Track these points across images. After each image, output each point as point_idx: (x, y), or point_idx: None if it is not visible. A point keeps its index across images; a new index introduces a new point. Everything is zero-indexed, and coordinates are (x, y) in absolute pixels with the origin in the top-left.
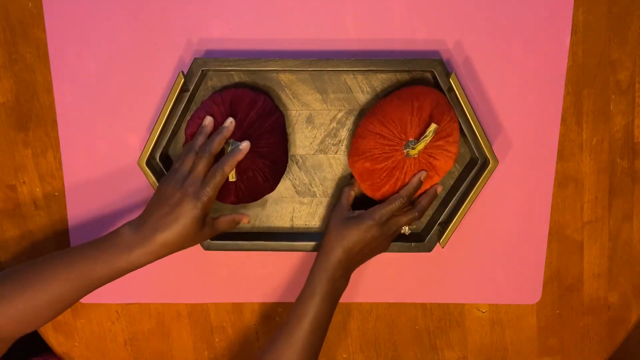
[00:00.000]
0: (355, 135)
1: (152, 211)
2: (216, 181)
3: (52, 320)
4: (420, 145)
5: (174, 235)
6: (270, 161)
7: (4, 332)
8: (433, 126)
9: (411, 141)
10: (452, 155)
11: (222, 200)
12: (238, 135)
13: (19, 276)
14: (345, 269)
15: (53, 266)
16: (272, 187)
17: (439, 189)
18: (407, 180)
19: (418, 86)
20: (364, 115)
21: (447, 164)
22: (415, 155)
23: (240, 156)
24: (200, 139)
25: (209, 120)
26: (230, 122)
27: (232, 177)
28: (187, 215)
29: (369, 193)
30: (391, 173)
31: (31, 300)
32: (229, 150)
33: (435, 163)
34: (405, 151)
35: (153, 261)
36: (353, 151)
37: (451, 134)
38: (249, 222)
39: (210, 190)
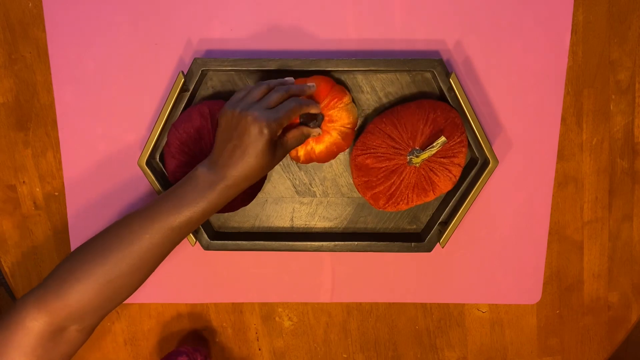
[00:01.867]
0: (364, 130)
1: (222, 145)
2: (290, 109)
3: None
4: (425, 155)
5: (248, 167)
6: None
7: (91, 310)
8: (442, 139)
9: (417, 149)
10: (453, 177)
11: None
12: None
13: (95, 245)
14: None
15: (134, 225)
16: (248, 202)
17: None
18: (402, 186)
19: (440, 102)
20: (379, 114)
21: (445, 184)
22: (417, 165)
23: (317, 109)
24: (279, 81)
25: (290, 79)
26: (313, 84)
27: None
28: (256, 145)
29: (361, 190)
30: (389, 176)
31: (115, 268)
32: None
33: (435, 179)
34: (408, 157)
35: (237, 194)
36: (359, 145)
37: (456, 156)
38: (319, 134)
39: (282, 116)
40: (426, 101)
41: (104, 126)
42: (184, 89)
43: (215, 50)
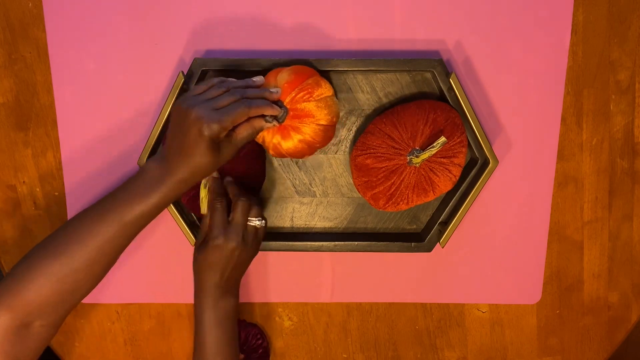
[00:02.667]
0: (365, 130)
1: (170, 140)
2: (236, 112)
3: None
4: (425, 155)
5: (194, 164)
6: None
7: (51, 305)
8: (442, 139)
9: (417, 149)
10: (453, 177)
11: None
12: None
13: (51, 242)
14: (225, 289)
15: (85, 220)
16: None
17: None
18: (402, 186)
19: (440, 102)
20: (379, 115)
21: (445, 185)
22: (417, 165)
23: (273, 111)
24: (240, 83)
25: (259, 78)
26: (277, 90)
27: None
28: (197, 144)
29: (361, 190)
30: (388, 176)
31: (70, 263)
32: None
33: (435, 179)
34: (408, 158)
35: (185, 190)
36: (359, 145)
37: (456, 156)
38: (274, 126)
39: (225, 118)
40: (426, 101)
41: (104, 126)
42: (184, 89)
43: (215, 50)
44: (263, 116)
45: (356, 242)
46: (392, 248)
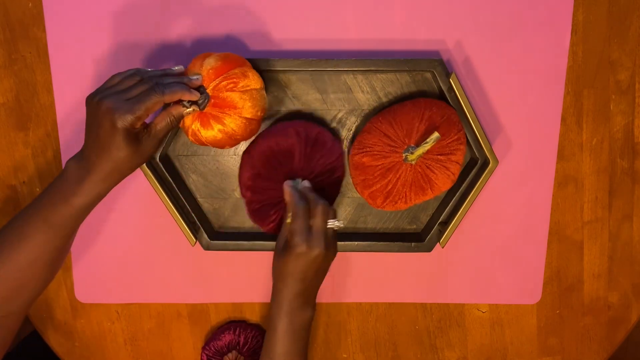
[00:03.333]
0: (362, 130)
1: (86, 136)
2: (149, 100)
3: (52, 321)
4: (419, 151)
5: (114, 160)
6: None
7: (2, 299)
8: (435, 134)
9: (412, 146)
10: (451, 175)
11: (262, 225)
12: (303, 176)
13: None
14: (304, 299)
15: (16, 226)
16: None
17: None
18: (399, 184)
19: (437, 100)
20: (376, 114)
21: (444, 182)
22: (413, 162)
23: (191, 96)
24: (157, 72)
25: (179, 68)
26: (197, 77)
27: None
28: (112, 137)
29: (359, 189)
30: (385, 174)
31: (11, 264)
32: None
33: (432, 177)
34: (404, 155)
35: (110, 188)
36: (356, 144)
37: (454, 153)
38: (194, 111)
39: (137, 107)
40: (423, 99)
41: None
42: None
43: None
44: (181, 103)
45: (356, 242)
46: (392, 248)
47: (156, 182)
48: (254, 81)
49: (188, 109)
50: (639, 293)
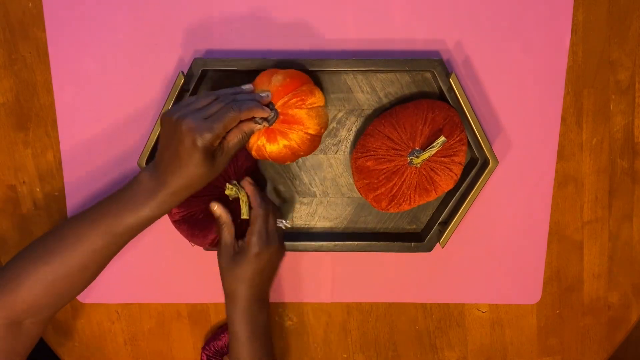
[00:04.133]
0: (364, 133)
1: (162, 152)
2: (227, 117)
3: (52, 321)
4: (425, 155)
5: (188, 176)
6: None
7: (43, 305)
8: (442, 138)
9: (417, 150)
10: (454, 176)
11: (199, 241)
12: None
13: (42, 245)
14: (258, 300)
15: (77, 228)
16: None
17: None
18: (403, 187)
19: (438, 101)
20: (378, 116)
21: (446, 183)
22: (418, 165)
23: (264, 113)
24: (229, 91)
25: (248, 86)
26: (267, 94)
27: (245, 215)
28: (191, 155)
29: (362, 193)
30: (390, 177)
31: (62, 268)
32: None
33: (436, 178)
34: (409, 158)
35: (178, 203)
36: (359, 147)
37: (457, 155)
38: (265, 127)
39: (216, 125)
40: (424, 101)
41: (104, 126)
42: (184, 89)
43: (215, 50)
44: (253, 120)
45: (356, 242)
46: (392, 248)
47: None
48: (319, 99)
49: (259, 125)
50: (639, 293)
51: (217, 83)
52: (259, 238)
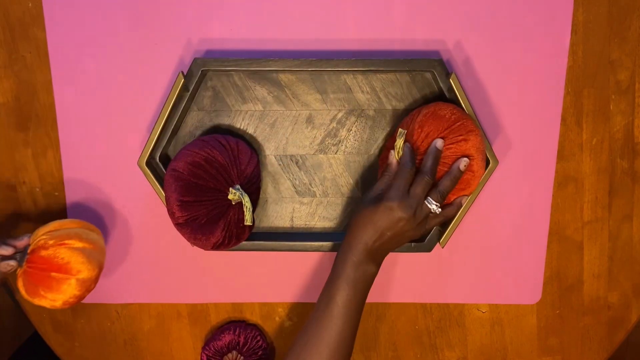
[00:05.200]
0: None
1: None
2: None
3: (52, 321)
4: (398, 146)
5: None
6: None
7: None
8: (399, 130)
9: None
10: (469, 133)
11: (201, 244)
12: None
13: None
14: (373, 253)
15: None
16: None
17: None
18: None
19: (417, 108)
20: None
21: (478, 167)
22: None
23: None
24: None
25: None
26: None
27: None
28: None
29: None
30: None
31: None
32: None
33: (452, 157)
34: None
35: None
36: (380, 165)
37: (467, 140)
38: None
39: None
40: (405, 119)
41: (104, 126)
42: (184, 89)
43: (215, 50)
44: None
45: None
46: None
47: (156, 182)
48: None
49: (11, 264)
50: (639, 293)
51: (217, 83)
52: (396, 193)
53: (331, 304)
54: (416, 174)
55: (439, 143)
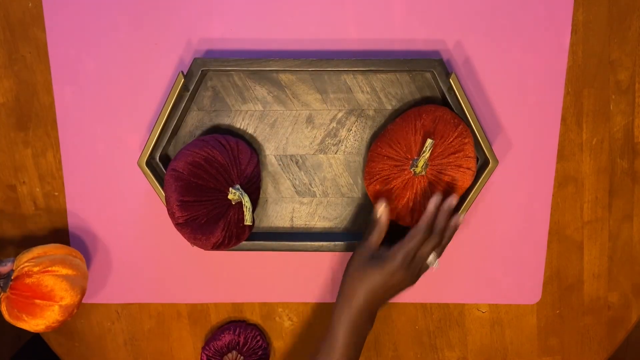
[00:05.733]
0: (367, 159)
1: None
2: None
3: None
4: (421, 162)
5: None
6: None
7: None
8: (429, 141)
9: (415, 159)
10: (467, 170)
11: (201, 244)
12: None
13: None
14: (369, 312)
15: None
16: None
17: (461, 218)
18: (419, 198)
19: (425, 105)
20: (374, 140)
21: (463, 179)
22: (423, 173)
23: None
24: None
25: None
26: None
27: (249, 221)
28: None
29: None
30: (402, 193)
31: None
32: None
33: (448, 179)
34: (412, 170)
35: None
36: (366, 175)
37: (462, 150)
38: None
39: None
40: (411, 110)
41: (104, 126)
42: (184, 89)
43: (215, 50)
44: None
45: (356, 242)
46: None
47: (156, 182)
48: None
49: None
50: (639, 293)
51: (217, 83)
52: (405, 257)
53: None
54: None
55: (454, 201)
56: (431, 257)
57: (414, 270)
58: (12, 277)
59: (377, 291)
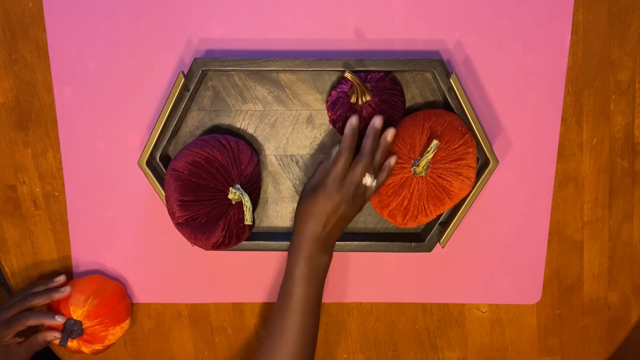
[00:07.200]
0: None
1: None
2: (20, 321)
3: None
4: (423, 162)
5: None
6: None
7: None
8: (434, 142)
9: (417, 159)
10: (466, 179)
11: (201, 243)
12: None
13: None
14: (322, 243)
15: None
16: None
17: (389, 134)
18: (414, 198)
19: (436, 109)
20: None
21: (460, 188)
22: (423, 174)
23: (48, 321)
24: (30, 290)
25: (60, 280)
26: (65, 290)
27: (249, 221)
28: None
29: (377, 210)
30: (398, 191)
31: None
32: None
33: (446, 184)
34: (412, 169)
35: None
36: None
37: (464, 158)
38: (64, 344)
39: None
40: (421, 112)
41: (104, 126)
42: (184, 89)
43: (215, 50)
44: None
45: (356, 242)
46: (392, 248)
47: (156, 182)
48: (122, 329)
49: (54, 340)
50: (639, 293)
51: (217, 83)
52: (333, 180)
53: (289, 300)
54: (356, 154)
55: (377, 123)
56: (367, 178)
57: (349, 192)
58: (82, 328)
59: (320, 220)
